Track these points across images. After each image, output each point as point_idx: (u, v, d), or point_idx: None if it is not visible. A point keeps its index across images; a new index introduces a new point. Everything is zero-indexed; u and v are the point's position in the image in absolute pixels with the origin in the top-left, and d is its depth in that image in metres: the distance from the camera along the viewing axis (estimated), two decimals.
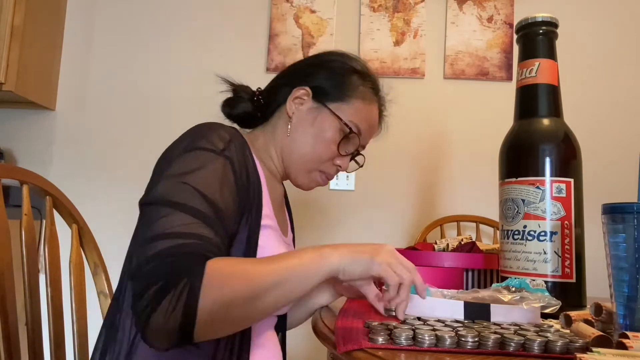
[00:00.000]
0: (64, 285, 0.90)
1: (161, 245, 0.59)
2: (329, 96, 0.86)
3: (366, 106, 0.89)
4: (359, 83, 0.88)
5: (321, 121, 0.85)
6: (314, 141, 0.85)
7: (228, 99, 0.92)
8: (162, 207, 0.63)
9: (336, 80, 0.87)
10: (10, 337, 0.75)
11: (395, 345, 0.53)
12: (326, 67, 0.88)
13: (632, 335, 0.47)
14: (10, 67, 1.72)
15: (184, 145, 0.71)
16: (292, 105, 0.86)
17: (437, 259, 0.95)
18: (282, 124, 0.88)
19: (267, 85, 0.94)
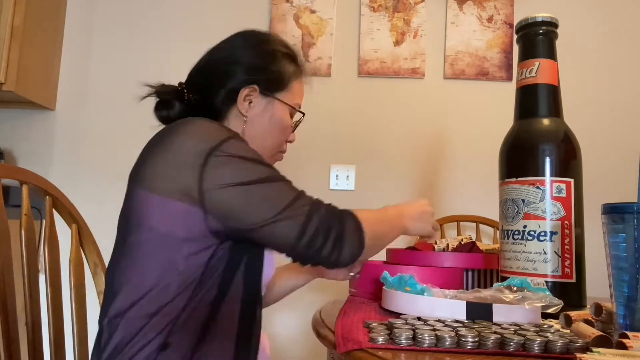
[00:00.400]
0: (64, 285, 0.90)
1: (307, 200, 0.76)
2: (275, 88, 0.91)
3: (299, 83, 0.96)
4: (290, 66, 0.93)
5: (277, 113, 0.91)
6: (274, 133, 0.92)
7: (160, 102, 0.91)
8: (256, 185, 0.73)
9: (274, 72, 0.90)
10: (10, 337, 0.75)
11: (395, 345, 0.53)
12: (256, 61, 0.90)
13: (632, 335, 0.47)
14: (10, 67, 1.72)
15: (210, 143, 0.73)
16: (244, 104, 0.88)
17: (437, 259, 0.95)
18: (237, 122, 0.89)
19: (190, 80, 0.92)
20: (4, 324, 0.75)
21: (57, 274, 0.89)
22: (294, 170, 1.96)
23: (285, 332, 1.90)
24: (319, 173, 1.97)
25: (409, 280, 0.76)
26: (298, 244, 0.73)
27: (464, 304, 0.66)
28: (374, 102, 2.02)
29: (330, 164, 1.98)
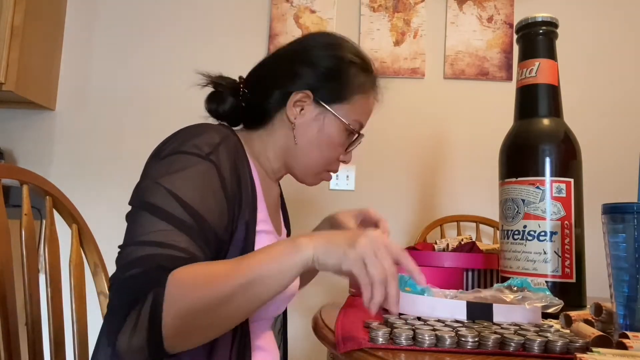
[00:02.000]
0: (64, 285, 0.90)
1: (131, 255, 0.59)
2: (331, 97, 0.82)
3: (366, 97, 0.87)
4: (358, 77, 0.84)
5: (328, 127, 0.82)
6: (322, 148, 0.83)
7: (212, 93, 0.85)
8: (140, 211, 0.63)
9: (336, 80, 0.82)
10: (10, 337, 0.75)
11: (395, 345, 0.53)
12: (320, 64, 0.82)
13: (632, 335, 0.47)
14: (10, 67, 1.72)
15: (170, 149, 0.69)
16: (293, 110, 0.81)
17: (437, 259, 0.95)
18: (283, 128, 0.83)
19: (251, 77, 0.87)
20: (4, 324, 0.75)
21: (57, 274, 0.89)
22: None
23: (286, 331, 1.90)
24: None
25: (408, 281, 0.76)
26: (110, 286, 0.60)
27: (465, 304, 0.66)
28: None
29: None
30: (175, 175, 0.65)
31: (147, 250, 0.59)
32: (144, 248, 0.59)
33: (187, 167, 0.66)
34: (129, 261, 0.58)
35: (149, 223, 0.61)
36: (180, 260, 0.58)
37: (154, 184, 0.65)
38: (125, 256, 0.60)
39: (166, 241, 0.60)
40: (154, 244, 0.59)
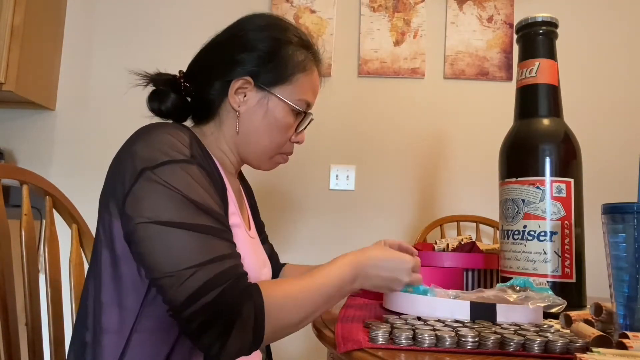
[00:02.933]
0: (64, 285, 0.90)
1: (198, 281, 0.60)
2: (272, 80, 0.80)
3: (308, 75, 0.84)
4: (297, 55, 0.82)
5: (272, 110, 0.81)
6: (270, 132, 0.82)
7: (154, 92, 0.83)
8: (169, 230, 0.62)
9: (274, 62, 0.80)
10: (10, 337, 0.75)
11: (395, 345, 0.53)
12: (256, 48, 0.80)
13: (632, 335, 0.47)
14: (10, 67, 1.72)
15: (147, 160, 0.66)
16: (236, 98, 0.80)
17: (437, 259, 0.95)
18: (229, 118, 0.82)
19: (190, 70, 0.85)
20: (4, 324, 0.75)
21: (57, 274, 0.89)
22: (294, 170, 1.97)
23: None
24: (319, 173, 1.97)
25: None
26: (181, 313, 0.61)
27: (468, 304, 0.66)
28: (374, 102, 2.02)
29: (330, 164, 1.98)
30: (182, 187, 0.64)
31: (211, 271, 0.62)
32: (204, 271, 0.61)
33: (184, 175, 0.66)
34: (198, 287, 0.60)
35: (187, 242, 0.62)
36: (238, 266, 0.65)
37: (166, 199, 0.63)
38: (186, 285, 0.60)
39: (217, 254, 0.63)
40: (210, 263, 0.62)
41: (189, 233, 0.62)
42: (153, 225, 0.62)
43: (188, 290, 0.60)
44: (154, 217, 0.62)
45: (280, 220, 1.91)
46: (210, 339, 0.60)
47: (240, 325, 0.60)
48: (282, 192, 1.92)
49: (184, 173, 0.66)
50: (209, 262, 0.62)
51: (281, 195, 1.93)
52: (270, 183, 1.90)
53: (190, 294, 0.60)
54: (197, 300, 0.60)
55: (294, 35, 0.83)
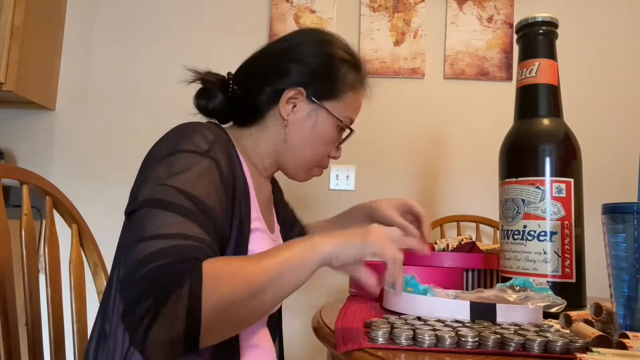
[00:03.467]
0: (64, 285, 0.90)
1: (150, 248, 0.56)
2: (323, 94, 0.82)
3: (356, 95, 0.87)
4: (349, 74, 0.84)
5: (321, 124, 0.83)
6: (315, 144, 0.84)
7: (202, 89, 0.85)
8: (149, 209, 0.61)
9: (328, 77, 0.82)
10: (10, 337, 0.75)
11: (395, 345, 0.53)
12: (311, 61, 0.82)
13: (632, 335, 0.47)
14: (10, 67, 1.72)
15: (167, 149, 0.68)
16: (287, 107, 0.82)
17: (437, 259, 0.95)
18: (275, 125, 0.83)
19: (240, 73, 0.87)
20: (4, 324, 0.75)
21: (57, 274, 0.89)
22: None
23: (286, 332, 1.90)
24: None
25: (410, 281, 0.76)
26: (122, 282, 0.57)
27: (468, 304, 0.66)
28: (373, 102, 2.01)
29: (330, 164, 1.98)
30: (179, 174, 0.64)
31: (167, 242, 0.57)
32: (163, 241, 0.57)
33: (190, 165, 0.66)
34: (149, 254, 0.55)
35: (161, 218, 0.60)
36: (200, 250, 0.58)
37: (159, 185, 0.63)
38: (140, 251, 0.56)
39: (184, 232, 0.59)
40: (171, 237, 0.58)
41: (163, 212, 0.60)
42: (139, 210, 0.62)
43: (140, 255, 0.56)
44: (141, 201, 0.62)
45: None
46: (135, 321, 0.52)
47: (170, 302, 0.52)
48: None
49: (187, 162, 0.66)
50: (170, 237, 0.57)
51: None
52: None
53: (140, 258, 0.55)
54: (145, 267, 0.54)
55: (348, 54, 0.85)
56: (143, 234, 0.58)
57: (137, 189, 0.66)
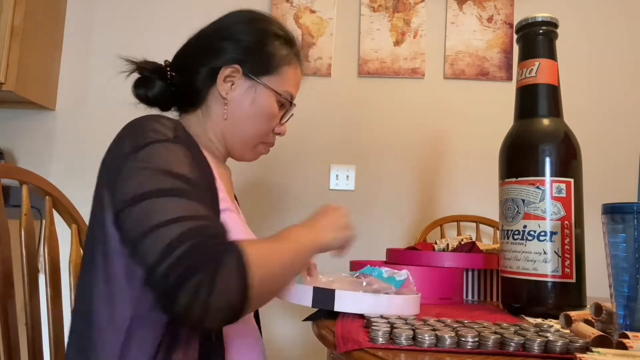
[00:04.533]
0: (64, 285, 0.90)
1: (173, 232, 0.58)
2: (259, 70, 0.83)
3: (293, 70, 0.88)
4: (282, 49, 0.85)
5: (259, 99, 0.83)
6: (255, 120, 0.84)
7: (140, 78, 0.85)
8: (150, 200, 0.61)
9: (261, 53, 0.83)
10: (10, 337, 0.75)
11: (395, 345, 0.53)
12: (243, 39, 0.83)
13: (632, 335, 0.47)
14: (10, 67, 1.72)
15: (134, 144, 0.67)
16: (224, 85, 0.82)
17: (437, 259, 0.95)
18: (216, 105, 0.84)
19: (177, 59, 0.88)
20: (4, 324, 0.75)
21: (57, 274, 0.89)
22: (294, 170, 1.96)
23: (286, 332, 1.90)
24: (319, 173, 1.97)
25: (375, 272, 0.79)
26: (155, 270, 0.57)
27: (311, 290, 0.69)
28: (374, 102, 2.02)
29: (330, 164, 1.98)
30: (161, 160, 0.65)
31: (186, 224, 0.59)
32: (180, 224, 0.59)
33: (165, 151, 0.67)
34: (176, 237, 0.57)
35: (164, 205, 0.61)
36: (216, 228, 0.63)
37: (146, 175, 0.63)
38: (162, 238, 0.58)
39: (194, 213, 0.61)
40: (187, 219, 0.60)
41: (163, 198, 0.61)
42: (133, 206, 0.62)
43: (162, 243, 0.57)
44: (133, 197, 0.62)
45: (280, 219, 1.91)
46: (190, 295, 0.55)
47: (223, 273, 0.56)
48: (282, 192, 1.92)
49: (165, 151, 0.67)
50: (183, 219, 0.60)
51: (281, 195, 1.93)
52: (270, 182, 1.90)
53: (164, 247, 0.57)
54: (172, 252, 0.56)
55: (280, 30, 0.87)
56: (157, 221, 0.59)
57: (115, 188, 0.65)
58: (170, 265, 0.56)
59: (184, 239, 0.58)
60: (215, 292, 0.56)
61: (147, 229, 0.59)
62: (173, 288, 0.56)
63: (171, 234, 0.58)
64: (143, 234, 0.60)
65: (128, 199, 0.63)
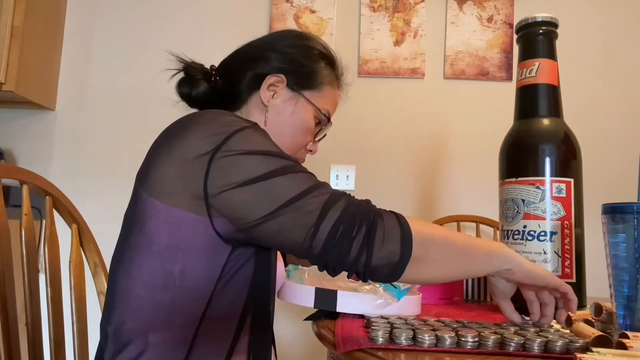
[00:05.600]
0: (64, 285, 0.90)
1: (319, 197, 0.61)
2: (303, 84, 0.85)
3: (333, 91, 0.90)
4: (327, 69, 0.88)
5: (299, 111, 0.85)
6: (293, 131, 0.85)
7: (185, 77, 0.86)
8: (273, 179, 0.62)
9: (306, 68, 0.85)
10: (10, 337, 0.75)
11: (395, 345, 0.53)
12: (290, 52, 0.85)
13: (632, 335, 0.47)
14: (10, 67, 1.72)
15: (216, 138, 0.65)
16: (267, 93, 0.83)
17: None
18: (257, 112, 0.84)
19: (223, 64, 0.89)
20: (4, 324, 0.75)
21: (57, 274, 0.89)
22: None
23: (286, 332, 1.90)
24: (319, 173, 1.96)
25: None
26: (311, 242, 0.60)
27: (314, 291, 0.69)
28: (374, 102, 2.02)
29: (330, 164, 1.98)
30: (257, 145, 0.65)
31: (326, 190, 0.62)
32: (320, 189, 0.62)
33: (258, 136, 0.67)
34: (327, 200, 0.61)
35: (288, 179, 0.63)
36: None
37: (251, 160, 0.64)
38: (307, 207, 0.60)
39: (317, 182, 0.64)
40: (321, 185, 0.63)
41: (285, 176, 0.63)
42: (247, 185, 0.62)
43: (316, 207, 0.60)
44: (244, 179, 0.62)
45: None
46: (355, 252, 0.59)
47: (384, 230, 0.59)
48: None
49: (253, 134, 0.67)
50: (319, 186, 0.63)
51: None
52: None
53: (322, 208, 0.60)
54: (328, 211, 0.60)
55: (325, 50, 0.89)
56: (296, 192, 0.61)
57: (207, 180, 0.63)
58: (335, 223, 0.59)
59: (335, 200, 0.61)
60: (377, 242, 0.59)
61: (282, 204, 0.61)
62: (339, 252, 0.59)
63: (315, 203, 0.60)
64: (286, 200, 0.61)
65: (238, 182, 0.62)
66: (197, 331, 0.67)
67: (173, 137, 0.68)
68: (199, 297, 0.67)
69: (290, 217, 0.61)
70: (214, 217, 0.65)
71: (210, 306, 0.68)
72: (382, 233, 0.59)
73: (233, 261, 0.69)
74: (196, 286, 0.67)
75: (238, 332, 0.70)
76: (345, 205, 0.61)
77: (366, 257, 0.59)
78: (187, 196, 0.65)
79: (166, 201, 0.65)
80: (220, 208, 0.64)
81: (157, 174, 0.67)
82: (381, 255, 0.59)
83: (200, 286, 0.67)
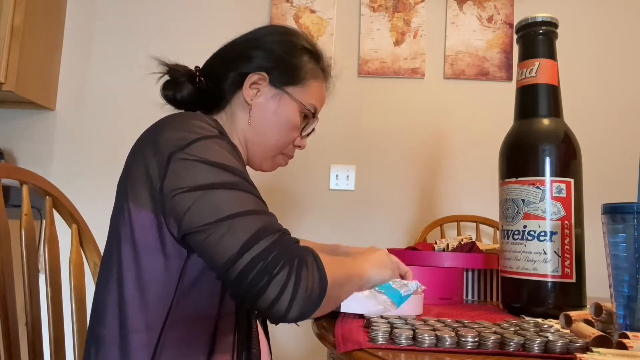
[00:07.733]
0: (64, 285, 0.90)
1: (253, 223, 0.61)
2: (286, 80, 0.84)
3: (319, 85, 0.89)
4: (311, 63, 0.87)
5: (284, 108, 0.84)
6: (278, 129, 0.85)
7: (169, 80, 0.86)
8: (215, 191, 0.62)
9: (288, 63, 0.84)
10: (10, 337, 0.75)
11: (395, 345, 0.53)
12: (272, 48, 0.84)
13: (632, 335, 0.47)
14: (10, 67, 1.72)
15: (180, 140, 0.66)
16: (250, 91, 0.83)
17: (437, 259, 0.95)
18: (241, 111, 0.84)
19: (207, 65, 0.89)
20: (4, 324, 0.75)
21: (57, 274, 0.89)
22: (294, 170, 1.96)
23: (286, 332, 1.90)
24: (319, 173, 1.97)
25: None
26: (234, 264, 0.59)
27: None
28: (374, 102, 2.02)
29: (330, 164, 1.98)
30: (214, 156, 0.66)
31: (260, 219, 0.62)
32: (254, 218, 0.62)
33: (217, 147, 0.67)
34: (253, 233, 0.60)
35: (234, 196, 0.63)
36: (279, 225, 0.66)
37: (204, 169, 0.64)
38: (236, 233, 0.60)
39: (263, 209, 0.65)
40: (257, 213, 0.63)
41: (231, 191, 0.63)
42: (193, 192, 0.63)
43: (241, 236, 0.59)
44: (193, 184, 0.63)
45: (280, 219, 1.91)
46: (279, 287, 0.58)
47: (307, 268, 0.60)
48: (282, 192, 1.92)
49: (216, 146, 0.67)
50: (260, 212, 0.63)
51: (281, 195, 1.93)
52: (270, 182, 1.90)
53: (245, 240, 0.59)
54: (256, 243, 0.59)
55: (309, 44, 0.88)
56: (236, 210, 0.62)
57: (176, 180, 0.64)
58: (255, 256, 0.59)
59: (265, 233, 0.61)
60: (301, 285, 0.59)
61: (222, 215, 0.61)
62: (258, 279, 0.58)
63: (252, 226, 0.61)
64: (218, 219, 0.61)
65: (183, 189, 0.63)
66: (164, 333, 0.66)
67: (145, 141, 0.71)
68: (162, 300, 0.67)
69: (220, 233, 0.60)
70: (167, 218, 0.65)
71: (173, 310, 0.67)
72: (306, 286, 0.59)
73: (194, 265, 0.67)
74: (157, 289, 0.66)
75: (215, 333, 0.69)
76: (276, 239, 0.61)
77: (288, 303, 0.58)
78: (149, 197, 0.66)
79: (136, 203, 0.67)
80: (170, 210, 0.65)
81: (131, 179, 0.69)
82: (300, 305, 0.59)
83: (160, 289, 0.67)
